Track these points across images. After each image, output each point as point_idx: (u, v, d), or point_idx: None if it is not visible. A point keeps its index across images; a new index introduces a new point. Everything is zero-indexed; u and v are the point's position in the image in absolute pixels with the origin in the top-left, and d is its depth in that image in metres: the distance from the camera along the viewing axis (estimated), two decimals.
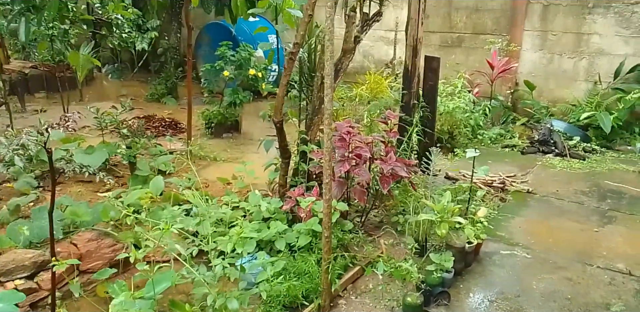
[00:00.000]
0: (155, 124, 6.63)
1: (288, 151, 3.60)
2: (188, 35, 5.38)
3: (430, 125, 4.50)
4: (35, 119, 6.83)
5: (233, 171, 5.18)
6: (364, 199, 3.29)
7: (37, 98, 8.27)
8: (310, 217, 3.11)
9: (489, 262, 3.28)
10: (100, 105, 7.83)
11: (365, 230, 3.63)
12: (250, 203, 3.24)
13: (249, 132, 6.76)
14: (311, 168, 3.49)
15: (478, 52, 7.33)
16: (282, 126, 3.44)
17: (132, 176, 4.25)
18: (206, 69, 6.46)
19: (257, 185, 4.15)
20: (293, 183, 3.71)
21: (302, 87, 3.99)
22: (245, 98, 6.24)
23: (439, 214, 3.00)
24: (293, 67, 3.37)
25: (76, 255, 2.88)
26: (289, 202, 3.26)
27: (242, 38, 8.32)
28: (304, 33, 3.28)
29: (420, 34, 4.35)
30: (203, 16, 9.58)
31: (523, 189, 4.50)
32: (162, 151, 4.83)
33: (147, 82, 9.36)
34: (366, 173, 3.25)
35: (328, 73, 2.40)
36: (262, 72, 6.29)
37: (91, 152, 4.37)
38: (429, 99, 4.47)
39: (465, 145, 5.84)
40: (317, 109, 3.70)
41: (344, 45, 3.66)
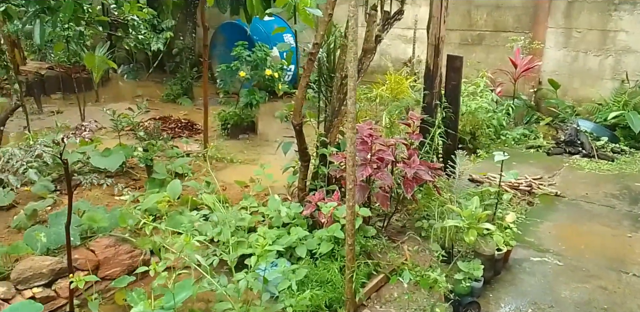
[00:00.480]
0: (171, 125, 6.59)
1: (307, 154, 3.50)
2: (204, 36, 5.31)
3: (453, 127, 4.35)
4: (52, 120, 6.86)
5: (250, 173, 5.09)
6: (386, 204, 3.17)
7: (53, 99, 8.30)
8: (331, 223, 3.01)
9: (519, 270, 3.14)
10: (116, 106, 7.85)
11: (388, 235, 3.51)
12: (269, 208, 3.15)
13: (265, 132, 6.69)
14: (331, 172, 3.39)
15: (499, 50, 7.15)
16: (301, 129, 3.34)
17: (149, 179, 4.19)
18: (222, 70, 6.39)
19: (275, 188, 4.07)
20: (312, 187, 3.61)
21: (321, 88, 3.88)
22: (261, 99, 6.16)
23: (467, 220, 2.88)
24: (312, 68, 3.26)
25: (94, 262, 2.82)
26: (309, 207, 3.16)
27: (258, 37, 8.25)
28: (324, 33, 3.18)
29: (442, 32, 4.21)
30: (218, 16, 9.53)
31: (551, 192, 4.34)
32: (179, 153, 4.77)
33: (162, 83, 9.35)
34: (389, 177, 3.13)
35: (352, 75, 2.29)
36: (279, 72, 6.20)
37: (108, 155, 4.32)
38: (452, 100, 4.33)
39: (487, 146, 5.68)
40: (336, 111, 3.60)
41: (364, 45, 3.54)
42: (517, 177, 3.65)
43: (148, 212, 3.57)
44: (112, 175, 4.51)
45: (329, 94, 3.86)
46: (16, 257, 2.84)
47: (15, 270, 2.64)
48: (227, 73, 6.44)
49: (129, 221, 3.02)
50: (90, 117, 6.61)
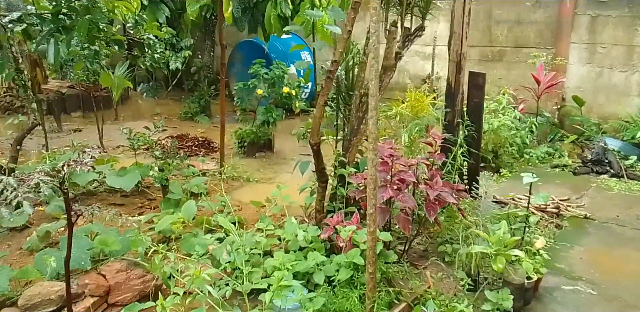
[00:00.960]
0: (188, 143, 6.56)
1: (325, 175, 3.38)
2: (221, 54, 5.30)
3: (476, 145, 4.21)
4: (71, 139, 6.89)
5: (267, 192, 4.98)
6: (408, 228, 3.03)
7: (73, 117, 8.39)
8: (350, 248, 2.87)
9: (550, 300, 2.95)
10: (134, 124, 7.90)
11: (409, 260, 3.36)
12: (286, 231, 3.03)
13: (282, 151, 6.61)
14: (350, 193, 3.26)
15: (520, 67, 7.01)
16: (319, 149, 3.24)
17: (164, 199, 4.12)
18: (239, 88, 6.37)
19: (292, 208, 3.95)
20: (330, 208, 3.49)
21: (339, 106, 3.79)
22: (278, 117, 6.10)
23: (494, 246, 2.71)
24: (331, 86, 3.18)
25: (104, 287, 2.73)
26: (327, 231, 3.03)
27: (275, 55, 8.26)
28: (343, 50, 3.10)
29: (464, 48, 4.10)
30: (236, 34, 9.61)
31: (580, 214, 4.14)
32: (195, 172, 4.70)
33: (180, 101, 9.39)
34: (411, 199, 2.99)
35: (373, 93, 2.20)
36: (296, 89, 6.15)
37: (123, 174, 4.27)
38: (474, 118, 4.19)
39: (510, 165, 5.50)
40: (355, 130, 3.50)
41: (384, 62, 3.46)
42: (547, 201, 3.47)
43: (162, 233, 3.49)
44: (127, 194, 4.46)
45: (348, 113, 3.77)
46: (26, 281, 2.76)
47: (23, 296, 2.56)
48: (245, 91, 6.42)
49: (139, 249, 2.92)
50: (108, 135, 6.64)
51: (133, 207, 4.29)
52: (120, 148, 6.51)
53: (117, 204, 4.30)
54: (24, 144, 6.56)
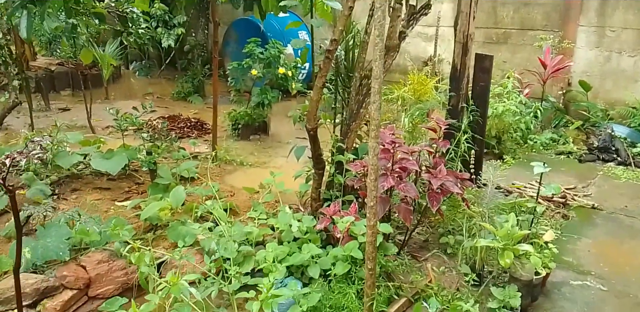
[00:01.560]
0: (180, 124, 6.33)
1: (322, 161, 3.19)
2: (214, 32, 5.03)
3: (480, 131, 4.01)
4: (58, 118, 6.63)
5: (260, 176, 4.78)
6: (409, 218, 2.85)
7: (62, 96, 8.11)
8: (348, 240, 2.70)
9: (558, 296, 2.80)
10: (125, 103, 7.63)
11: (409, 251, 3.20)
12: (279, 221, 2.85)
13: (277, 133, 6.39)
14: (348, 181, 3.08)
15: (526, 50, 6.75)
16: (316, 134, 3.03)
17: (152, 183, 3.92)
18: (233, 67, 6.10)
19: (286, 195, 3.77)
20: (327, 196, 3.30)
21: (338, 89, 3.57)
22: (274, 98, 5.87)
23: (502, 240, 2.55)
24: (329, 67, 2.95)
25: (84, 279, 2.55)
26: (323, 221, 2.85)
27: (271, 34, 7.95)
28: (343, 28, 2.87)
29: (471, 29, 3.87)
30: (231, 12, 9.26)
31: (587, 204, 3.98)
32: (185, 156, 4.50)
33: (173, 80, 9.11)
34: (413, 189, 2.81)
35: (377, 75, 1.98)
36: (293, 70, 5.90)
37: (110, 157, 4.05)
38: (479, 102, 3.99)
39: (513, 151, 5.32)
40: (355, 114, 3.29)
41: (387, 42, 3.21)
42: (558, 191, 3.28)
43: (148, 221, 3.31)
44: (114, 178, 4.26)
45: (347, 95, 3.56)
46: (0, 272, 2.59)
47: None
48: (239, 71, 6.16)
49: (116, 243, 2.73)
50: (97, 115, 6.38)
51: (120, 191, 4.09)
52: (109, 128, 6.26)
53: (103, 188, 4.10)
54: (10, 122, 6.34)
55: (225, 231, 2.68)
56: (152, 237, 3.18)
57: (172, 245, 3.11)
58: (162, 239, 3.19)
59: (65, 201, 3.78)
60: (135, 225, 3.41)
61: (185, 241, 2.71)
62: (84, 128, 6.20)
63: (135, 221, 3.44)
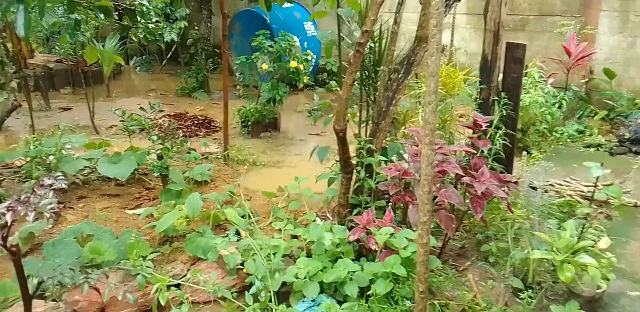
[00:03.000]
0: (187, 122, 6.07)
1: (351, 165, 2.94)
2: (223, 24, 4.73)
3: (512, 126, 3.74)
4: (60, 118, 6.36)
5: (275, 177, 4.56)
6: (451, 227, 2.60)
7: (62, 94, 7.84)
8: (386, 253, 2.46)
9: (618, 310, 2.56)
10: (128, 101, 7.36)
11: (446, 259, 2.96)
12: (311, 234, 2.60)
13: (287, 130, 6.13)
14: (381, 186, 2.82)
15: (544, 37, 6.46)
16: (344, 136, 2.78)
17: (164, 189, 3.67)
18: (241, 62, 5.82)
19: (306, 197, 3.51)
20: (355, 201, 3.05)
21: (364, 84, 3.30)
22: (285, 94, 5.59)
23: (561, 252, 2.30)
24: (360, 61, 2.68)
25: (98, 304, 2.32)
26: (356, 232, 2.61)
27: (277, 26, 7.65)
28: (375, 18, 2.59)
29: (503, 16, 3.58)
30: (233, 3, 8.94)
31: (629, 203, 3.73)
32: (197, 157, 4.24)
33: (176, 75, 8.83)
34: (456, 195, 2.56)
35: (433, 73, 1.71)
36: (304, 64, 5.61)
37: (117, 161, 3.81)
38: (511, 95, 3.70)
39: (538, 144, 5.06)
40: (384, 112, 3.02)
41: (418, 32, 2.95)
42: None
43: (164, 232, 3.06)
44: (123, 183, 4.01)
45: (373, 91, 3.29)
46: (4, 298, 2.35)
47: None
48: (246, 65, 5.89)
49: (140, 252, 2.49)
50: (100, 114, 6.12)
51: (130, 197, 3.85)
52: (113, 128, 6.01)
53: (112, 194, 3.86)
54: (10, 124, 6.07)
55: (254, 246, 2.43)
56: (168, 250, 2.94)
57: (191, 258, 2.87)
58: (179, 251, 2.95)
59: (72, 210, 3.54)
60: (149, 236, 3.18)
61: (208, 257, 2.46)
62: (87, 128, 5.94)
63: (149, 231, 3.20)
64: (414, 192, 2.69)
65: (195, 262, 2.85)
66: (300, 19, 8.27)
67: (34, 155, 3.82)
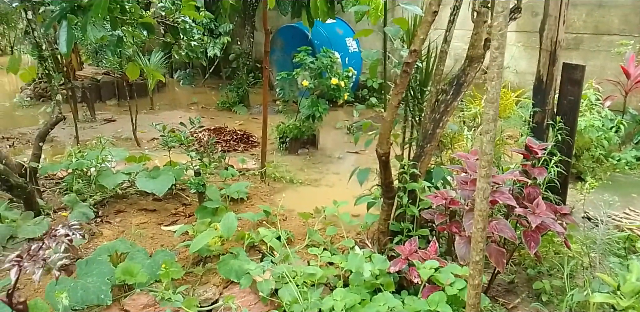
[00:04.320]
0: (226, 137, 6.06)
1: (393, 190, 2.78)
2: (265, 40, 4.70)
3: (567, 152, 3.51)
4: (104, 129, 6.49)
5: (312, 196, 4.44)
6: (502, 262, 2.40)
7: (108, 106, 8.03)
8: (430, 289, 2.28)
9: None
10: (170, 114, 7.46)
11: (493, 294, 2.74)
12: (349, 263, 2.45)
13: (326, 147, 6.03)
14: (426, 215, 2.65)
15: (600, 56, 6.14)
16: (388, 160, 2.63)
17: (200, 206, 3.61)
18: (282, 78, 5.80)
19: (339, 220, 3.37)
20: (395, 228, 2.89)
21: (409, 105, 3.16)
22: (325, 110, 5.50)
23: (627, 297, 2.06)
24: (407, 82, 2.55)
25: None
26: (397, 263, 2.44)
27: (318, 41, 7.63)
28: (425, 37, 2.46)
29: (560, 35, 3.38)
30: (276, 19, 9.00)
31: None
32: (234, 174, 4.18)
33: (217, 89, 8.92)
34: (508, 228, 2.36)
35: (493, 99, 1.56)
36: (345, 80, 5.52)
37: (156, 176, 3.79)
38: (567, 119, 3.48)
39: (593, 170, 4.74)
40: (430, 135, 2.87)
41: (469, 52, 2.80)
42: None
43: (197, 252, 2.98)
44: (160, 198, 3.98)
45: (419, 113, 3.15)
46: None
47: None
48: (286, 81, 5.86)
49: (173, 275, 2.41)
50: (142, 126, 6.20)
51: (166, 213, 3.81)
52: (154, 141, 6.07)
53: (149, 209, 3.83)
54: (56, 134, 6.23)
55: (287, 274, 2.31)
56: (201, 271, 2.85)
57: (224, 281, 2.77)
58: (212, 273, 2.86)
59: (108, 225, 3.52)
60: (183, 255, 3.11)
61: (242, 284, 2.36)
62: (129, 140, 6.03)
63: (183, 250, 3.14)
64: (461, 222, 2.51)
65: (228, 285, 2.76)
66: (342, 34, 8.23)
67: (76, 167, 3.85)
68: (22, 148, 5.83)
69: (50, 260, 1.41)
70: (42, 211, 3.48)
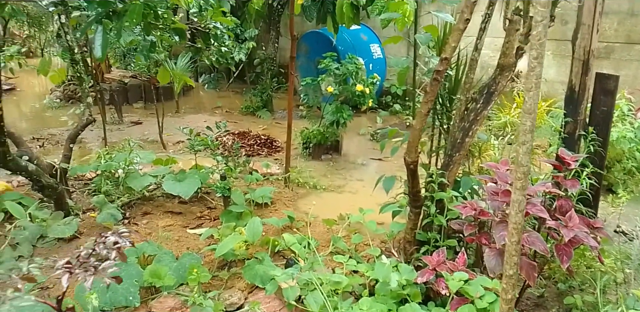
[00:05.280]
0: (250, 141, 6.10)
1: (420, 199, 2.75)
2: (291, 47, 4.72)
3: (600, 164, 3.42)
4: (131, 131, 6.59)
5: (336, 203, 4.42)
6: (534, 276, 2.35)
7: (135, 108, 8.17)
8: (459, 301, 2.24)
9: None
10: (195, 117, 7.56)
11: (522, 308, 2.69)
12: (376, 272, 2.43)
13: (349, 153, 6.01)
14: (454, 225, 2.62)
15: (632, 66, 6.01)
16: (416, 168, 2.61)
17: (225, 210, 3.64)
18: (307, 83, 5.81)
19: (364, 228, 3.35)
20: (422, 238, 2.85)
21: (437, 113, 3.13)
22: (349, 117, 5.49)
23: None
24: (437, 90, 2.53)
25: None
26: (425, 273, 2.41)
27: (343, 48, 7.64)
28: (456, 45, 2.44)
29: (594, 44, 3.32)
30: (300, 25, 9.04)
31: None
32: (259, 179, 4.19)
33: (241, 93, 9.00)
34: (540, 241, 2.31)
35: (530, 110, 1.53)
36: (370, 87, 5.51)
37: (182, 179, 3.83)
38: (600, 130, 3.40)
39: (624, 182, 4.62)
40: (458, 143, 2.83)
41: (500, 60, 2.77)
42: None
43: (223, 256, 2.99)
44: (185, 201, 4.02)
45: (447, 121, 3.12)
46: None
47: None
48: (312, 86, 5.87)
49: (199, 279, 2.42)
50: (168, 129, 6.29)
51: (191, 216, 3.84)
52: (180, 144, 6.15)
53: (175, 212, 3.87)
54: (84, 136, 6.36)
55: (315, 282, 2.30)
56: (227, 275, 2.86)
57: (249, 286, 2.78)
58: (237, 278, 2.86)
59: (135, 226, 3.57)
60: (208, 258, 3.13)
61: (267, 289, 2.36)
62: (155, 143, 6.11)
63: (208, 253, 3.15)
64: (490, 233, 2.46)
65: (253, 290, 2.76)
66: (366, 41, 8.23)
67: (104, 169, 3.92)
68: (51, 149, 5.96)
69: (101, 268, 1.42)
70: (71, 211, 3.54)
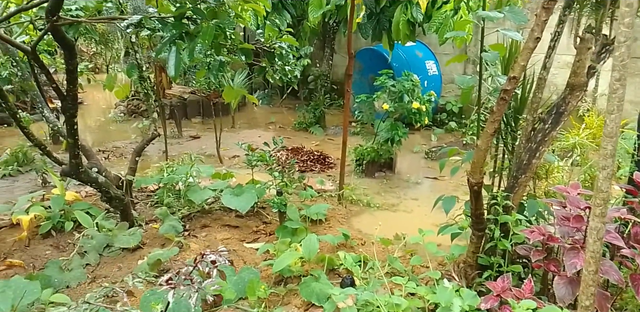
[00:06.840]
0: (303, 157, 6.16)
1: (484, 221, 2.67)
2: (348, 64, 4.76)
3: None
4: (189, 146, 6.82)
5: (389, 221, 4.36)
6: (606, 307, 2.21)
7: (193, 123, 8.47)
8: None
9: None
10: (250, 133, 7.74)
11: None
12: (438, 296, 2.37)
13: (403, 171, 5.94)
14: (520, 250, 2.52)
15: None
16: (480, 190, 2.54)
17: (280, 226, 3.67)
18: (361, 100, 5.83)
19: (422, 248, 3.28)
20: (484, 262, 2.76)
21: (502, 133, 3.05)
22: (404, 134, 5.44)
23: None
24: (504, 110, 2.47)
25: None
26: (489, 300, 2.32)
27: (397, 65, 7.63)
28: (525, 64, 2.38)
29: None
30: (354, 42, 9.12)
31: None
32: (313, 195, 4.22)
33: (294, 109, 9.15)
34: (614, 271, 2.18)
35: (612, 133, 1.46)
36: (426, 104, 5.46)
37: (240, 193, 3.91)
38: None
39: None
40: (525, 165, 2.74)
41: (571, 79, 2.67)
42: None
43: (279, 272, 3.01)
44: (242, 215, 4.10)
45: (512, 141, 3.03)
46: None
47: None
48: (366, 103, 5.88)
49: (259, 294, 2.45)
50: (225, 144, 6.47)
51: (248, 230, 3.91)
52: (235, 158, 6.30)
53: (232, 225, 3.95)
54: (146, 149, 6.64)
55: (380, 304, 2.26)
56: (283, 291, 2.88)
57: (305, 303, 2.77)
58: (293, 294, 2.87)
59: (195, 239, 3.66)
60: (264, 273, 3.16)
61: (325, 308, 2.34)
62: (212, 157, 6.29)
63: (264, 268, 3.18)
64: (559, 260, 2.35)
65: (309, 307, 2.76)
66: (421, 57, 8.19)
67: (167, 182, 4.07)
68: (115, 161, 6.26)
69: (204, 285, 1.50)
70: (135, 222, 3.69)
